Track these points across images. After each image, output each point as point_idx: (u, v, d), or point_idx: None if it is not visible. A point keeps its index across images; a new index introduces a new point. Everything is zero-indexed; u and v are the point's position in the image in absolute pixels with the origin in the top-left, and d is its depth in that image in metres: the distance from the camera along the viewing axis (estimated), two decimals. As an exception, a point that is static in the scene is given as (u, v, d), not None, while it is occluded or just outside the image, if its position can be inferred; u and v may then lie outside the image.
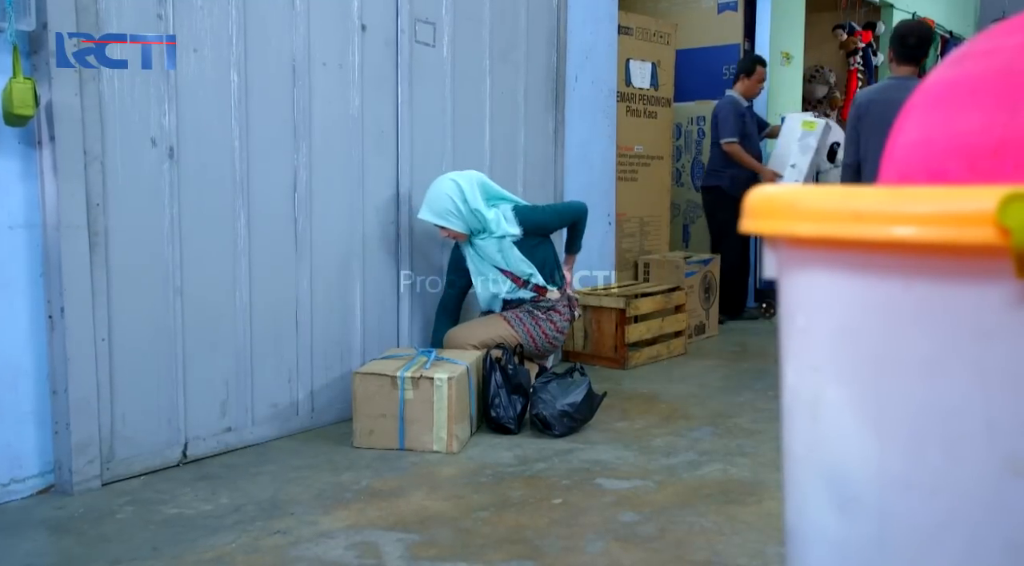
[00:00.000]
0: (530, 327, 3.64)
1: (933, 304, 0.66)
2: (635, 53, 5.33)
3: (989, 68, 0.77)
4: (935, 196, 0.64)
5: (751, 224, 0.74)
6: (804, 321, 0.73)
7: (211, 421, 3.06)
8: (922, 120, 0.84)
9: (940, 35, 10.05)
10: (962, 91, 0.79)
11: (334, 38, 3.39)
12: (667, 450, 3.16)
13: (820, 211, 0.68)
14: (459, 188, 3.51)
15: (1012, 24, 0.84)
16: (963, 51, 0.86)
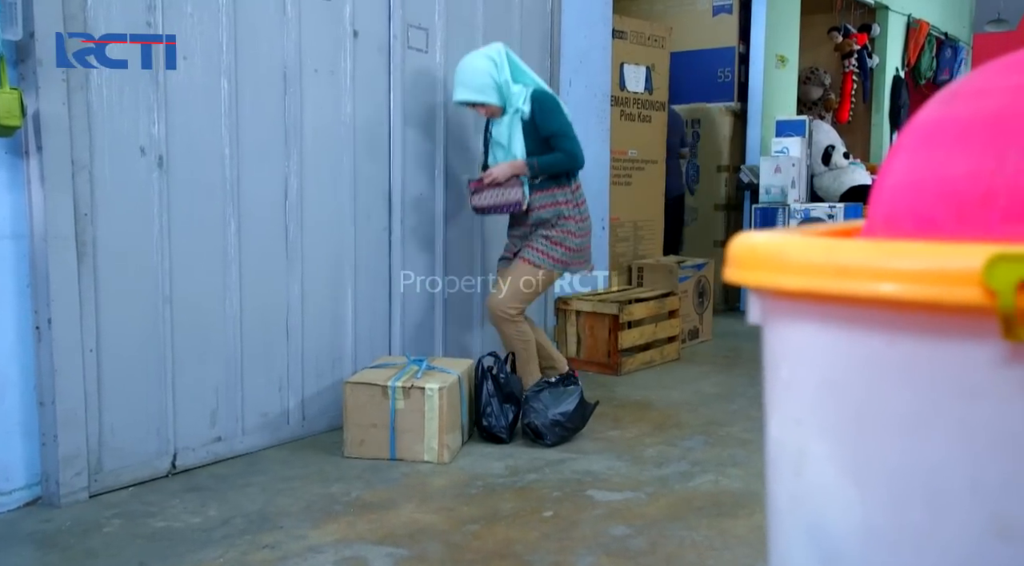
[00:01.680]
0: (552, 253, 3.49)
1: (918, 361, 0.65)
2: (629, 57, 5.32)
3: (979, 111, 0.76)
4: (921, 253, 0.63)
5: (734, 274, 0.72)
6: (788, 373, 0.71)
7: (201, 431, 3.04)
8: (910, 161, 0.82)
9: (935, 37, 10.07)
10: (951, 134, 0.78)
11: (326, 44, 3.37)
12: (659, 460, 3.15)
13: (805, 264, 0.67)
14: (492, 61, 3.45)
15: (1004, 63, 0.83)
16: (954, 89, 0.85)
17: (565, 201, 3.53)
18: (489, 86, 3.42)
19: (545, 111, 3.46)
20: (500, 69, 3.45)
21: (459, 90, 3.45)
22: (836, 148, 7.40)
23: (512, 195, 3.49)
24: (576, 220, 3.55)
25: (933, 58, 10.02)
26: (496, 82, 3.43)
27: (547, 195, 3.51)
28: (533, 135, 3.48)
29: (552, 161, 3.47)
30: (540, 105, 3.47)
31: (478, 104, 3.47)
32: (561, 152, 3.47)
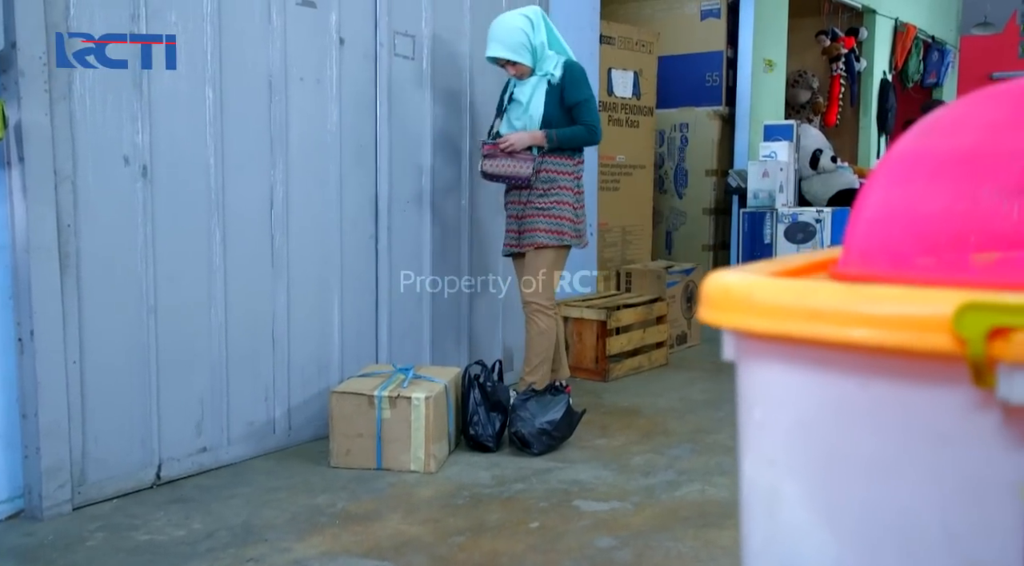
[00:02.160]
0: (560, 228, 3.49)
1: (889, 405, 0.65)
2: (617, 62, 5.32)
3: (954, 149, 0.76)
4: (891, 298, 0.63)
5: (708, 314, 0.72)
6: (760, 414, 0.71)
7: (186, 441, 3.02)
8: (886, 195, 0.82)
9: (923, 40, 10.11)
10: (926, 170, 0.78)
11: (311, 52, 3.35)
12: (646, 469, 3.15)
13: (776, 307, 0.67)
14: (529, 21, 3.46)
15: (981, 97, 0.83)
16: (932, 120, 0.85)
17: (561, 172, 3.53)
18: (524, 45, 3.44)
19: (576, 80, 3.49)
20: (536, 31, 3.47)
21: (493, 46, 3.45)
22: (824, 152, 7.42)
23: (522, 169, 3.49)
24: (573, 191, 3.55)
25: (920, 61, 10.06)
26: (531, 43, 3.45)
27: (543, 161, 3.50)
28: (556, 102, 3.48)
29: (571, 134, 3.49)
30: (571, 73, 3.49)
31: (509, 62, 3.46)
32: (582, 125, 3.49)
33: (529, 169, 3.45)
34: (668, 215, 6.79)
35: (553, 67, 3.48)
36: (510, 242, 3.64)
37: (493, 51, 3.46)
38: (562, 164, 3.52)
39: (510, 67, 3.49)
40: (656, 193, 6.56)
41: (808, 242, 6.02)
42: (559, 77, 3.47)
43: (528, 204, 3.53)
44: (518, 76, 3.52)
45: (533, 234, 3.51)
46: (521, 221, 3.55)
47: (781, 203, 6.15)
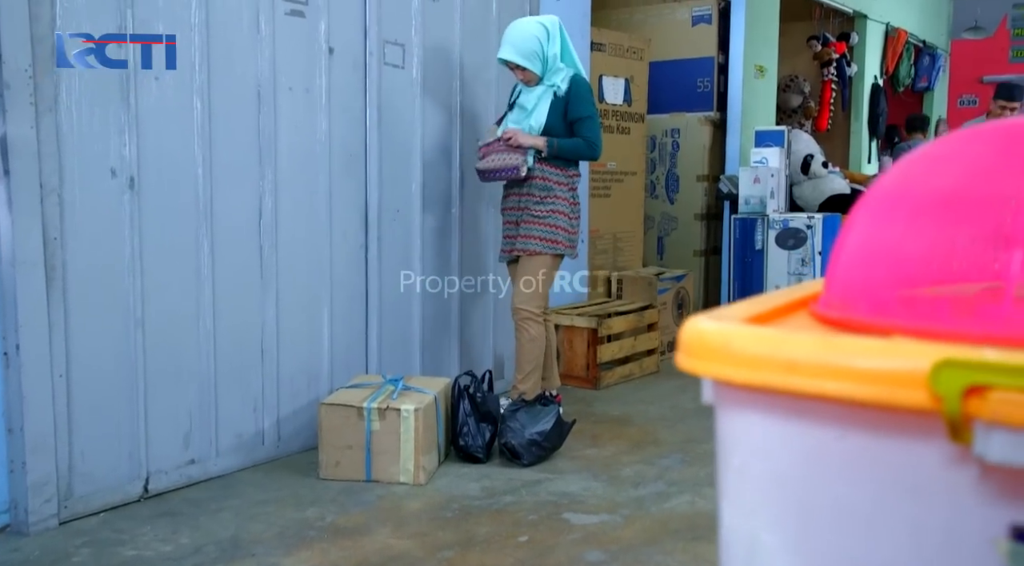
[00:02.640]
0: (554, 236, 3.51)
1: (867, 456, 0.64)
2: (608, 69, 5.32)
3: (934, 192, 0.75)
4: (868, 351, 0.62)
5: (685, 362, 0.71)
6: (739, 462, 0.71)
7: (174, 454, 3.01)
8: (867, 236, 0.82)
9: (913, 44, 10.13)
10: (906, 213, 0.78)
11: (301, 62, 3.34)
12: (636, 480, 3.15)
13: (753, 357, 0.66)
14: (545, 30, 3.49)
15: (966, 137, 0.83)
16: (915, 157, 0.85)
17: (556, 181, 3.55)
18: (535, 53, 3.46)
19: (581, 96, 3.53)
20: (551, 41, 3.50)
21: (505, 49, 3.48)
22: (815, 157, 7.42)
23: (513, 160, 3.51)
24: (568, 201, 3.58)
25: (911, 66, 10.09)
26: (543, 52, 3.48)
27: (540, 168, 3.53)
28: (560, 114, 3.52)
29: (571, 146, 3.53)
30: (577, 88, 3.52)
31: (519, 67, 3.48)
32: (582, 138, 3.53)
33: (520, 159, 3.48)
34: (660, 220, 6.78)
35: (560, 80, 3.50)
36: (506, 247, 3.66)
37: (505, 54, 3.48)
38: (558, 174, 3.56)
39: (519, 72, 3.52)
40: (647, 198, 6.56)
41: (799, 248, 6.03)
42: (565, 90, 3.50)
43: (525, 211, 3.55)
44: (526, 82, 3.55)
45: (528, 241, 3.53)
46: (517, 227, 3.57)
47: (772, 209, 6.15)
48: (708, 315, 0.74)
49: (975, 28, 11.15)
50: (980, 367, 0.57)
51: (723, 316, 0.74)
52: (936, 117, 11.23)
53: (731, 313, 0.76)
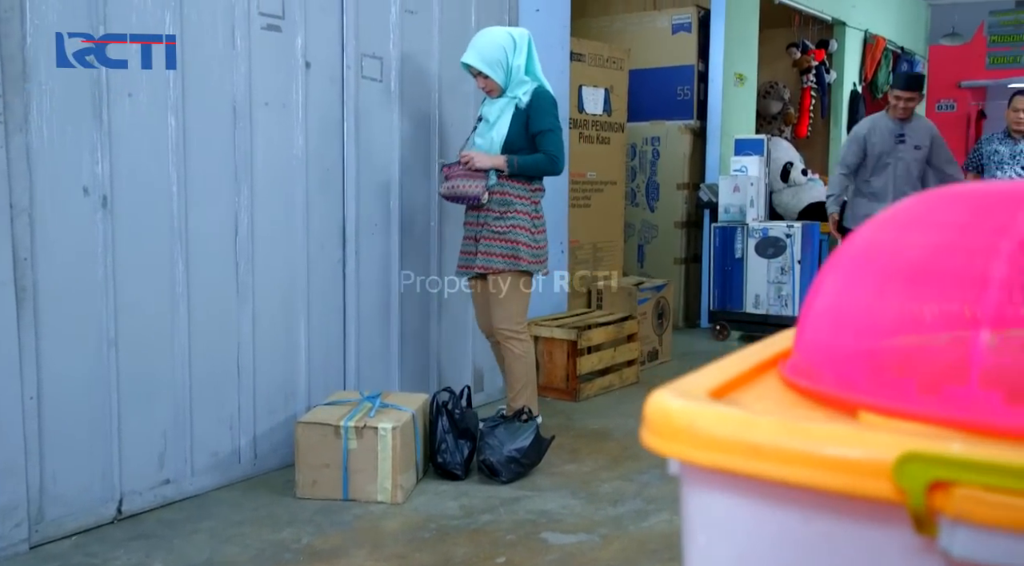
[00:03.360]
0: (515, 252, 3.46)
1: (832, 542, 0.64)
2: (588, 79, 5.32)
3: (903, 257, 0.75)
4: (833, 439, 0.61)
5: (650, 440, 0.70)
6: (705, 541, 0.70)
7: (148, 474, 2.98)
8: (836, 294, 0.81)
9: (892, 51, 10.20)
10: (875, 277, 0.77)
11: (277, 77, 3.32)
12: (614, 497, 3.14)
13: (718, 440, 0.65)
14: (513, 41, 3.46)
15: (938, 198, 0.82)
16: (886, 217, 0.84)
17: (517, 196, 3.51)
18: (499, 62, 3.43)
19: (542, 109, 3.47)
20: (517, 52, 3.46)
21: (470, 53, 3.43)
22: (795, 165, 7.46)
23: (474, 188, 3.47)
24: (530, 216, 3.53)
25: (890, 72, 10.15)
26: (508, 62, 3.44)
27: (500, 183, 3.49)
28: (521, 127, 3.47)
29: (532, 162, 3.47)
30: (539, 101, 3.47)
31: (480, 74, 3.44)
32: (543, 153, 3.47)
33: (480, 189, 3.44)
34: (640, 228, 6.79)
35: (522, 92, 3.46)
36: (464, 263, 3.62)
37: (468, 58, 3.43)
38: (519, 188, 3.51)
39: (480, 79, 3.47)
40: (628, 206, 6.57)
41: (778, 257, 6.05)
42: (527, 102, 3.46)
43: (484, 226, 3.51)
44: (486, 90, 3.50)
45: (488, 258, 3.49)
46: (477, 243, 3.54)
47: (752, 218, 6.18)
48: (674, 388, 0.73)
49: (952, 34, 11.24)
50: (945, 462, 0.56)
51: (689, 390, 0.73)
52: (914, 123, 11.32)
53: (698, 383, 0.75)
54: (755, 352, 0.90)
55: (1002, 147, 5.58)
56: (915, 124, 5.29)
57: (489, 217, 3.49)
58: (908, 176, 5.25)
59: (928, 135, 5.27)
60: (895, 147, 5.25)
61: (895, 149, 5.25)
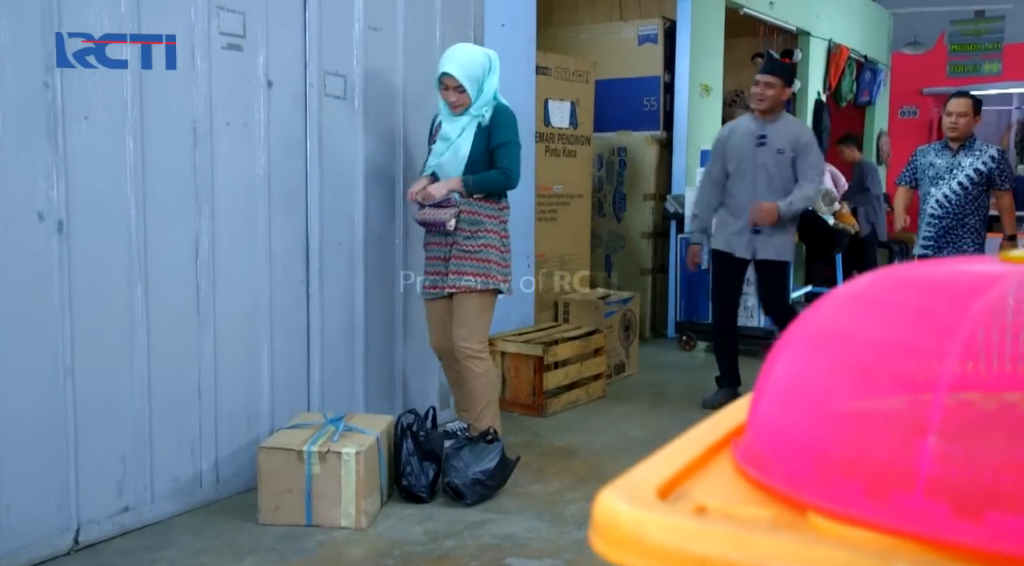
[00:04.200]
0: (487, 271, 3.48)
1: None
2: (553, 93, 5.32)
3: (850, 359, 0.74)
4: (781, 555, 0.61)
5: (598, 545, 0.70)
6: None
7: (106, 502, 2.92)
8: (789, 376, 0.81)
9: (855, 60, 10.32)
10: (824, 368, 0.77)
11: (238, 96, 3.28)
12: (580, 519, 3.14)
13: (666, 551, 0.64)
14: (489, 61, 3.48)
15: (895, 282, 0.82)
16: (841, 297, 0.84)
17: (487, 215, 3.53)
18: (477, 79, 3.43)
19: (502, 123, 3.50)
20: (491, 73, 3.48)
21: (452, 65, 3.40)
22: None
23: (443, 215, 3.48)
24: (499, 235, 3.55)
25: (853, 81, 10.27)
26: (483, 81, 3.45)
27: (468, 202, 3.49)
28: (484, 143, 3.49)
29: (486, 180, 3.49)
30: (499, 115, 3.50)
31: (456, 88, 3.41)
32: (498, 169, 3.48)
33: (448, 216, 3.45)
34: (607, 239, 6.81)
35: (485, 110, 3.47)
36: (433, 284, 3.60)
37: (451, 69, 3.39)
38: (489, 208, 3.53)
39: (453, 92, 3.43)
40: (595, 216, 6.58)
41: (744, 268, 6.08)
42: (488, 118, 3.47)
43: (455, 246, 3.50)
44: (456, 105, 3.46)
45: (461, 277, 3.48)
46: (447, 263, 3.52)
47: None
48: (622, 487, 0.72)
49: (914, 43, 11.40)
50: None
51: (637, 489, 0.72)
52: (878, 130, 11.47)
53: (646, 478, 0.75)
54: (708, 430, 0.90)
55: (938, 159, 4.93)
56: (780, 124, 4.54)
57: (460, 236, 3.48)
58: (771, 187, 4.49)
59: (794, 137, 4.48)
60: (755, 151, 4.50)
61: (755, 153, 4.50)
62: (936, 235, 4.95)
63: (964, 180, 4.82)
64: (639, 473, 0.75)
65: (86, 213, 2.81)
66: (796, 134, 4.52)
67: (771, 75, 4.52)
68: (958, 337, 0.68)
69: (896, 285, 0.82)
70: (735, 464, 0.81)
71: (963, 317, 0.69)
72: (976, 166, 4.81)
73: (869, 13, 10.83)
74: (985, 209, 4.97)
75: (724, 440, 0.88)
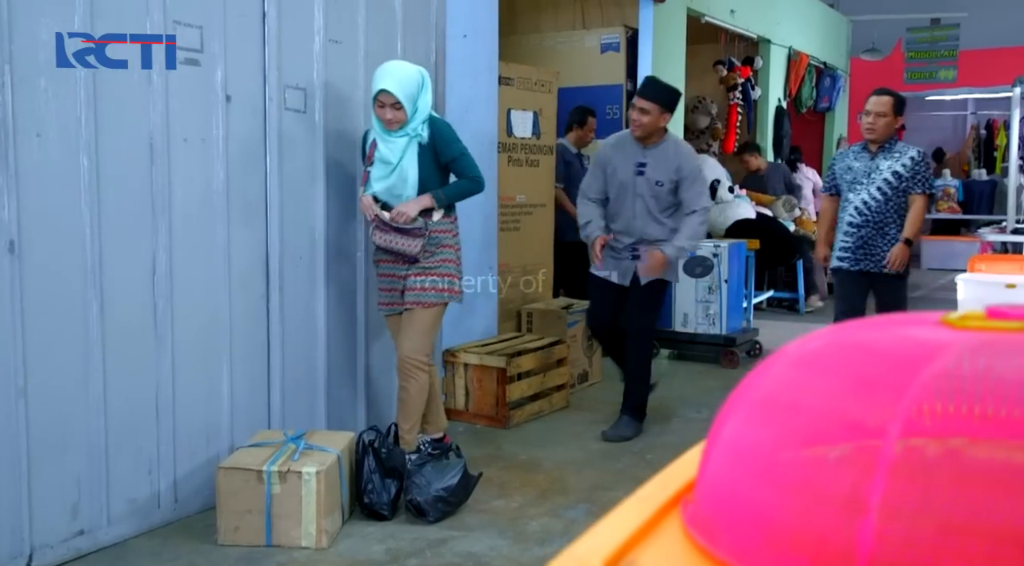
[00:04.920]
0: (451, 286, 3.51)
1: None
2: (516, 103, 5.32)
3: (793, 429, 0.75)
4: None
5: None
6: None
7: (60, 526, 2.88)
8: (734, 439, 0.82)
9: (815, 67, 10.45)
10: (770, 436, 0.77)
11: (196, 112, 3.24)
12: (542, 536, 3.15)
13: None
14: (423, 78, 3.46)
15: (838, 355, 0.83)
16: (790, 360, 0.84)
17: (444, 231, 3.54)
18: (412, 97, 3.42)
19: (447, 138, 3.51)
20: (424, 91, 3.46)
21: (388, 81, 3.33)
22: (722, 182, 7.60)
23: (412, 247, 3.46)
24: (454, 248, 3.58)
25: (813, 87, 10.41)
26: (418, 97, 3.43)
27: (432, 223, 3.50)
28: (430, 162, 3.48)
29: (458, 190, 3.53)
30: (440, 131, 3.50)
31: (395, 104, 3.35)
32: (466, 178, 3.52)
33: (417, 247, 3.45)
34: (570, 246, 6.82)
35: (421, 127, 3.46)
36: (392, 300, 3.59)
37: (388, 85, 3.33)
38: (446, 223, 3.56)
39: (390, 109, 3.37)
40: (558, 223, 6.57)
41: (706, 276, 6.13)
42: (428, 136, 3.46)
43: (414, 262, 3.51)
44: (392, 122, 3.40)
45: (423, 293, 3.49)
46: (405, 280, 3.52)
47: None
48: (569, 560, 0.72)
49: (872, 50, 11.57)
50: None
51: (585, 560, 0.72)
52: (837, 135, 11.63)
53: (594, 548, 0.75)
54: (657, 490, 0.90)
55: (856, 163, 4.52)
56: (660, 152, 4.18)
57: (421, 255, 3.49)
58: (650, 216, 4.18)
59: (674, 167, 4.16)
60: (634, 180, 4.17)
61: (634, 182, 4.17)
62: (854, 246, 4.53)
63: (883, 185, 4.43)
64: (586, 543, 0.75)
65: (39, 232, 2.76)
66: (677, 163, 4.16)
67: (646, 100, 4.13)
68: (899, 416, 0.69)
69: (844, 350, 0.83)
70: (683, 528, 0.82)
71: (905, 391, 0.70)
72: (895, 169, 4.41)
73: (828, 20, 10.97)
74: None
75: (674, 499, 0.88)
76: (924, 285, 10.76)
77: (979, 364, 0.71)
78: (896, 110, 4.46)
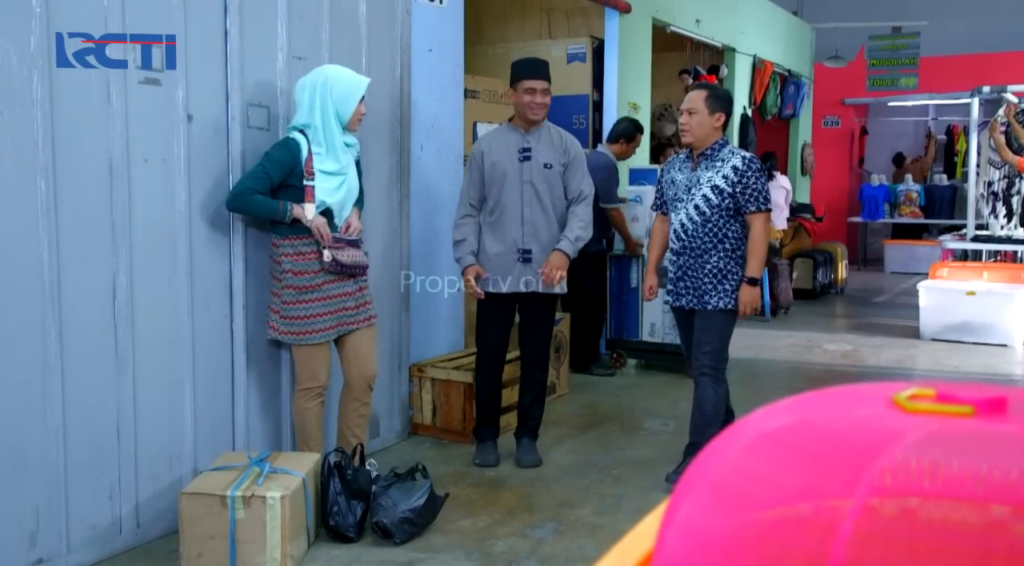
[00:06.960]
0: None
1: None
2: (482, 115, 5.32)
3: (746, 520, 0.75)
4: None
5: None
6: None
7: (17, 556, 2.83)
8: (688, 523, 0.82)
9: (779, 74, 10.55)
10: (721, 526, 0.77)
11: (157, 132, 3.20)
12: (508, 557, 3.14)
13: None
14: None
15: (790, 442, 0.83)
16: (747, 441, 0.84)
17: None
18: None
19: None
20: None
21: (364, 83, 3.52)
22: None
23: (364, 258, 3.57)
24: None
25: (778, 95, 10.50)
26: None
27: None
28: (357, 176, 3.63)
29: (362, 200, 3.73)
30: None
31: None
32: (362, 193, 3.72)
33: (366, 257, 3.59)
34: (538, 256, 6.82)
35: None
36: (339, 322, 3.52)
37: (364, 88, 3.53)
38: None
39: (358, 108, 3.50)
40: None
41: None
42: (358, 149, 3.62)
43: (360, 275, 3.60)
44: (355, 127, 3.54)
45: (371, 306, 3.66)
46: (355, 296, 3.57)
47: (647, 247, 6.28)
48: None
49: (835, 57, 11.71)
50: None
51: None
52: (802, 142, 11.74)
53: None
54: (624, 554, 0.90)
55: (679, 175, 3.80)
56: (543, 134, 3.97)
57: None
58: (541, 206, 3.91)
59: (561, 148, 3.95)
60: (519, 167, 3.90)
61: (519, 169, 3.90)
62: (675, 277, 3.82)
63: (700, 202, 3.65)
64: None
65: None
66: (563, 146, 3.97)
67: (543, 80, 3.96)
68: (850, 514, 0.69)
69: (800, 433, 0.83)
70: (640, 608, 0.82)
71: (856, 483, 0.70)
72: (715, 182, 3.61)
73: (792, 28, 11.08)
74: (735, 242, 3.69)
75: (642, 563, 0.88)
76: (887, 290, 10.91)
77: (925, 460, 0.72)
78: (712, 106, 3.66)
